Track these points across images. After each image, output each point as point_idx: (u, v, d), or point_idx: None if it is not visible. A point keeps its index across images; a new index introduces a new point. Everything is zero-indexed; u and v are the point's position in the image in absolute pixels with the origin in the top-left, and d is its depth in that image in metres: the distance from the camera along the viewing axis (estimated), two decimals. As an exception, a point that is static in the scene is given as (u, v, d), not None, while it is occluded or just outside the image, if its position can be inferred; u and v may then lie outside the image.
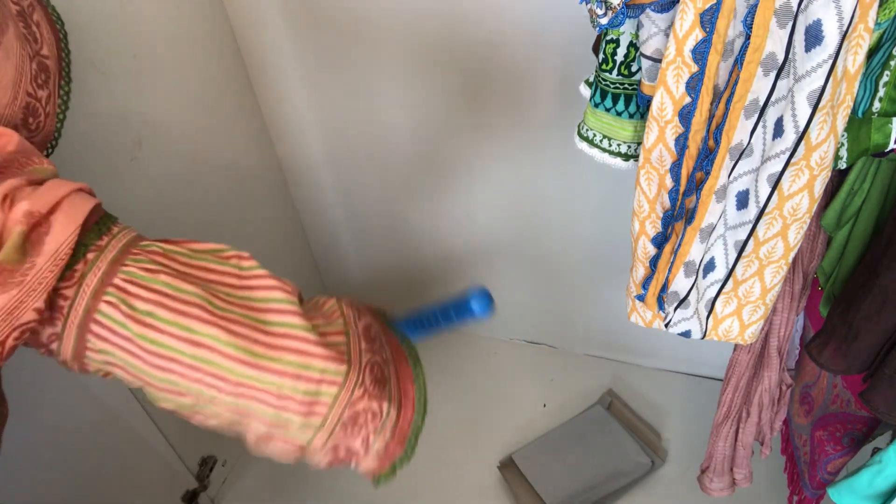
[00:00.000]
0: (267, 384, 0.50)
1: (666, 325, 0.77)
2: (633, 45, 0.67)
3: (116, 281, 0.49)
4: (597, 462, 1.31)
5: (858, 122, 0.57)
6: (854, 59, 0.50)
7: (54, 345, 0.49)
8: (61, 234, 0.48)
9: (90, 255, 0.49)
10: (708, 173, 0.62)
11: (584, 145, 0.77)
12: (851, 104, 0.53)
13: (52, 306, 0.48)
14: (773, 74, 0.55)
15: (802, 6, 0.50)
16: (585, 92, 0.81)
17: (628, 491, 1.27)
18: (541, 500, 1.25)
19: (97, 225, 0.51)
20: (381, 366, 0.59)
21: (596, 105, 0.73)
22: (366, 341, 0.58)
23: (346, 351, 0.54)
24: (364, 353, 0.57)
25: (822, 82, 0.51)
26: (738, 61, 0.56)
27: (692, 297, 0.72)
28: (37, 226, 0.47)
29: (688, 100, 0.60)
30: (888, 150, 0.55)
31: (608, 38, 0.68)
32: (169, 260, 0.52)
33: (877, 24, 0.50)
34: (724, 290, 0.71)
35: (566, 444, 1.35)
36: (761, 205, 0.61)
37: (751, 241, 0.65)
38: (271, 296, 0.55)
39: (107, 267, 0.49)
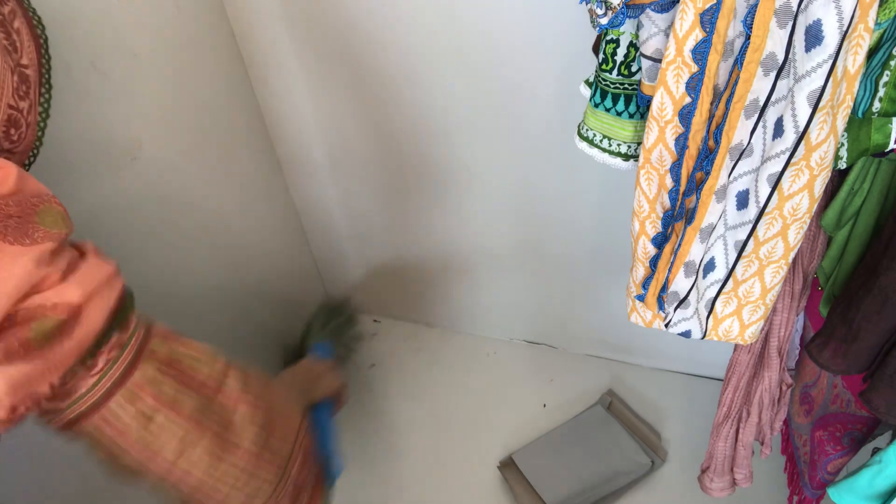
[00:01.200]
0: (221, 487, 0.59)
1: (666, 326, 0.77)
2: (633, 45, 0.67)
3: (129, 384, 0.53)
4: (597, 462, 1.31)
5: (858, 122, 0.57)
6: (854, 59, 0.50)
7: (50, 415, 0.53)
8: (90, 326, 0.51)
9: (112, 353, 0.53)
10: (708, 173, 0.62)
11: (584, 145, 0.77)
12: (851, 104, 0.53)
13: (64, 384, 0.51)
14: (773, 74, 0.55)
15: (802, 6, 0.50)
16: (585, 92, 0.81)
17: (628, 491, 1.27)
18: (541, 500, 1.25)
19: (119, 314, 0.55)
20: (301, 488, 0.68)
21: (596, 105, 0.73)
22: (301, 461, 0.67)
23: (284, 465, 0.64)
24: (297, 470, 0.66)
25: (822, 82, 0.51)
26: (738, 61, 0.56)
27: (692, 297, 0.72)
28: (73, 315, 0.50)
29: (688, 100, 0.60)
30: (888, 150, 0.55)
31: (608, 38, 0.68)
32: (174, 369, 0.57)
33: (877, 24, 0.50)
34: (724, 290, 0.71)
35: (566, 444, 1.36)
36: (761, 205, 0.61)
37: (751, 241, 0.65)
38: (239, 410, 0.62)
39: (125, 368, 0.54)
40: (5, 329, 0.47)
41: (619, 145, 0.74)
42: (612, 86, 0.70)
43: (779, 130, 0.56)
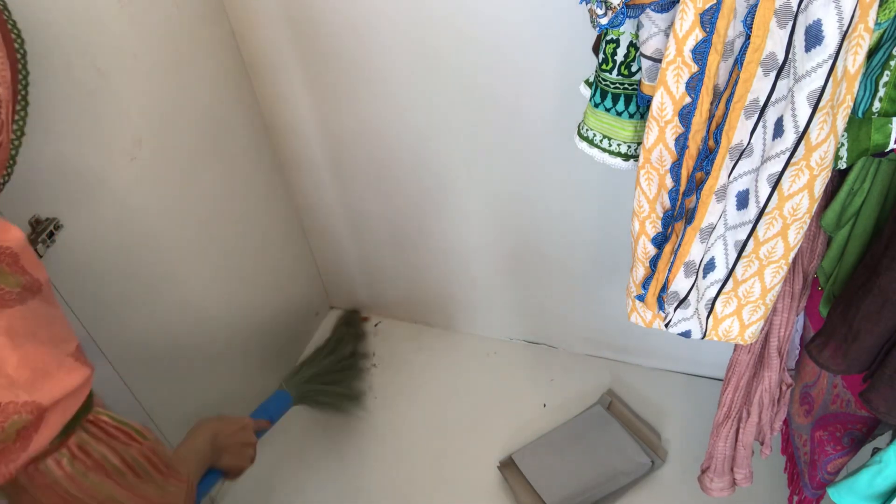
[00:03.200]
0: None
1: (666, 326, 0.77)
2: (633, 45, 0.67)
3: (69, 443, 0.55)
4: (596, 462, 1.31)
5: (858, 122, 0.57)
6: (854, 59, 0.50)
7: None
8: (49, 432, 0.52)
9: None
10: (708, 173, 0.62)
11: (584, 145, 0.77)
12: (851, 104, 0.53)
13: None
14: (773, 74, 0.55)
15: (802, 6, 0.50)
16: (585, 92, 0.81)
17: (628, 491, 1.27)
18: (541, 500, 1.25)
19: (79, 415, 0.56)
20: None
21: (596, 105, 0.73)
22: None
23: None
24: None
25: (822, 82, 0.51)
26: (738, 61, 0.56)
27: (692, 297, 0.72)
28: (38, 419, 0.50)
29: (688, 100, 0.60)
30: (888, 150, 0.55)
31: (608, 38, 0.68)
32: (108, 436, 0.59)
33: (877, 24, 0.50)
34: (724, 290, 0.71)
35: (566, 444, 1.36)
36: (761, 205, 0.61)
37: (751, 241, 0.65)
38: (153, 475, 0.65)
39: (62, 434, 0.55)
40: None
41: (619, 145, 0.74)
42: (612, 86, 0.70)
43: (779, 130, 0.56)
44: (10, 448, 0.49)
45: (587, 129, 0.76)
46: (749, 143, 0.59)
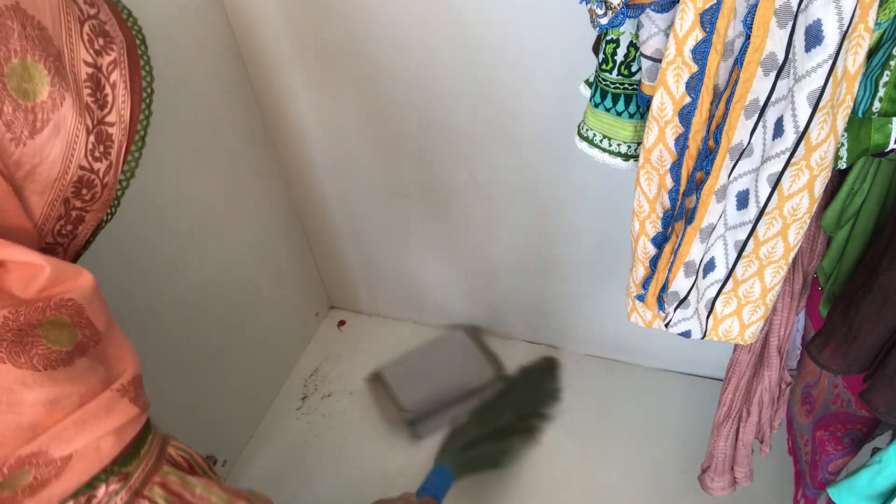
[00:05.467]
0: None
1: (666, 326, 0.77)
2: (633, 45, 0.67)
3: None
4: (450, 373, 1.49)
5: (858, 122, 0.57)
6: (854, 59, 0.50)
7: None
8: (73, 480, 0.43)
9: (114, 486, 0.46)
10: (708, 173, 0.62)
11: (584, 145, 0.77)
12: (851, 104, 0.53)
13: None
14: (773, 74, 0.55)
15: (802, 6, 0.50)
16: (585, 92, 0.81)
17: (474, 397, 1.40)
18: (399, 404, 1.42)
19: (127, 455, 0.47)
20: None
21: (596, 105, 0.73)
22: None
23: None
24: None
25: (822, 82, 0.51)
26: (738, 61, 0.56)
27: (692, 297, 0.72)
28: (59, 469, 0.43)
29: (688, 100, 0.60)
30: (888, 150, 0.55)
31: (608, 38, 0.68)
32: (179, 499, 0.50)
33: (877, 24, 0.50)
34: (724, 290, 0.71)
35: (426, 358, 1.55)
36: (761, 205, 0.61)
37: (751, 241, 0.65)
38: None
39: (128, 498, 0.47)
40: None
41: (619, 145, 0.74)
42: (612, 86, 0.70)
43: (779, 130, 0.56)
44: (13, 498, 0.42)
45: (587, 129, 0.76)
46: (749, 143, 0.59)
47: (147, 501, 0.47)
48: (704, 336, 0.76)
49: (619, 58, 0.68)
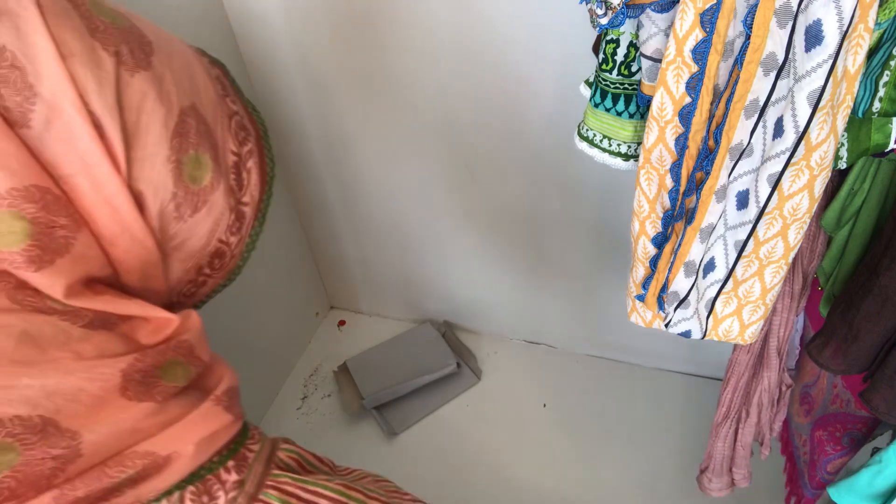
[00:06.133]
0: None
1: (666, 325, 0.77)
2: (633, 45, 0.67)
3: None
4: (411, 362, 1.55)
5: (858, 122, 0.57)
6: (854, 59, 0.50)
7: None
8: (171, 477, 0.49)
9: (232, 494, 0.52)
10: (708, 173, 0.62)
11: (584, 145, 0.77)
12: (851, 104, 0.53)
13: None
14: (773, 74, 0.55)
15: (802, 6, 0.50)
16: (585, 92, 0.81)
17: (436, 388, 1.49)
18: (357, 392, 1.48)
19: (229, 450, 0.53)
20: None
21: (596, 105, 0.73)
22: None
23: None
24: None
25: (822, 82, 0.51)
26: (738, 61, 0.56)
27: (692, 297, 0.72)
28: (155, 466, 0.48)
29: (688, 100, 0.60)
30: (888, 150, 0.55)
31: (608, 38, 0.68)
32: (295, 498, 0.54)
33: (877, 24, 0.50)
34: (724, 290, 0.71)
35: (391, 350, 1.61)
36: (761, 205, 0.61)
37: (751, 241, 0.65)
38: None
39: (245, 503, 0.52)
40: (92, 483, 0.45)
41: (619, 145, 0.74)
42: (612, 86, 0.70)
43: (779, 130, 0.56)
44: (119, 489, 0.47)
45: (587, 129, 0.76)
46: (749, 143, 0.59)
47: None
48: (704, 336, 0.76)
49: (619, 58, 0.68)
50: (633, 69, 0.68)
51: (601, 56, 0.70)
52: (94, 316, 0.46)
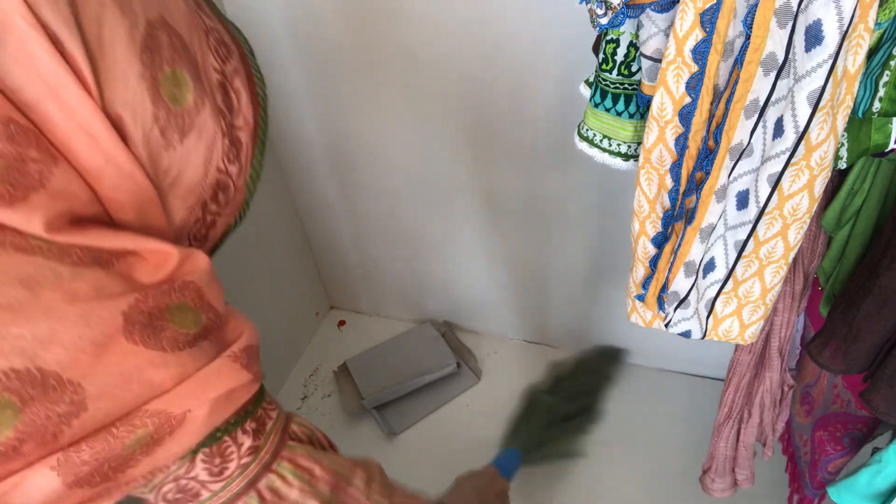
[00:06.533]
0: None
1: (666, 326, 0.77)
2: (633, 45, 0.67)
3: (258, 486, 0.50)
4: (411, 363, 1.54)
5: (858, 122, 0.57)
6: (854, 59, 0.50)
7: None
8: (188, 438, 0.46)
9: (245, 460, 0.49)
10: (708, 173, 0.62)
11: (584, 145, 0.77)
12: (851, 104, 0.53)
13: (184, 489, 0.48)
14: (773, 74, 0.55)
15: (802, 6, 0.50)
16: (585, 92, 0.81)
17: (436, 388, 1.49)
18: (357, 392, 1.48)
19: (239, 417, 0.50)
20: None
21: (596, 105, 0.73)
22: None
23: None
24: None
25: (822, 82, 0.51)
26: (738, 61, 0.56)
27: (692, 298, 0.72)
28: (166, 426, 0.45)
29: (688, 100, 0.60)
30: (888, 150, 0.55)
31: (608, 38, 0.68)
32: (308, 474, 0.53)
33: (877, 24, 0.50)
34: (724, 290, 0.71)
35: (392, 351, 1.61)
36: (761, 205, 0.61)
37: (751, 241, 0.65)
38: None
39: (258, 471, 0.50)
40: (103, 450, 0.41)
41: (619, 145, 0.74)
42: (612, 86, 0.70)
43: (779, 130, 0.56)
44: (132, 456, 0.44)
45: (587, 129, 0.76)
46: (749, 143, 0.59)
47: (275, 475, 0.50)
48: (704, 336, 0.76)
49: (619, 58, 0.68)
50: (633, 69, 0.68)
51: (601, 56, 0.70)
52: (83, 253, 0.42)
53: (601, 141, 0.75)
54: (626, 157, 0.74)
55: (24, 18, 0.38)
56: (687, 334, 0.77)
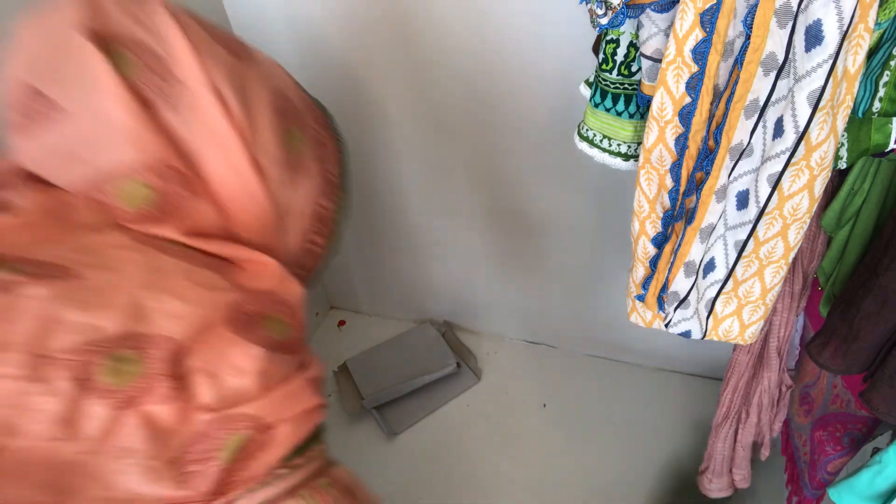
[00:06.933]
0: None
1: (666, 325, 0.77)
2: (633, 45, 0.67)
3: (313, 484, 0.59)
4: (411, 363, 1.54)
5: (858, 122, 0.57)
6: (854, 59, 0.50)
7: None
8: (277, 451, 0.56)
9: (281, 471, 0.58)
10: (708, 173, 0.62)
11: (584, 145, 0.77)
12: (851, 104, 0.53)
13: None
14: (773, 74, 0.55)
15: (802, 6, 0.50)
16: (585, 92, 0.81)
17: (436, 388, 1.49)
18: (358, 392, 1.48)
19: (304, 445, 0.60)
20: None
21: (596, 105, 0.73)
22: None
23: None
24: None
25: (822, 82, 0.51)
26: (738, 61, 0.56)
27: (692, 298, 0.72)
28: (263, 435, 0.55)
29: (688, 100, 0.60)
30: (888, 150, 0.55)
31: (608, 38, 0.68)
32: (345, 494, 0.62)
33: (877, 24, 0.50)
34: (724, 290, 0.71)
35: (392, 351, 1.61)
36: (761, 205, 0.61)
37: (751, 241, 0.65)
38: None
39: (288, 488, 0.58)
40: (200, 441, 0.51)
41: (619, 145, 0.74)
42: (612, 86, 0.70)
43: (779, 130, 0.56)
44: (232, 468, 0.53)
45: (587, 129, 0.76)
46: (749, 143, 0.59)
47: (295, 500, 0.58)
48: (704, 336, 0.76)
49: (619, 58, 0.68)
50: (633, 69, 0.68)
51: (601, 56, 0.70)
52: (204, 258, 0.57)
53: (601, 141, 0.75)
54: (626, 157, 0.74)
55: (205, 85, 0.54)
56: (687, 334, 0.77)
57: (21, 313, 0.47)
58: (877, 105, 0.55)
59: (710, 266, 0.70)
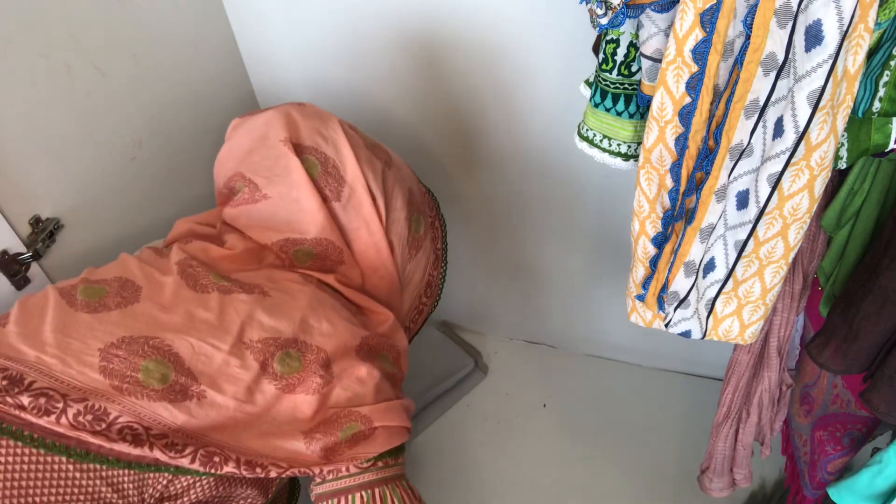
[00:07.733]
0: None
1: (666, 325, 0.77)
2: (633, 45, 0.67)
3: (376, 489, 0.73)
4: (427, 371, 1.50)
5: (858, 122, 0.57)
6: (854, 59, 0.50)
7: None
8: (372, 447, 0.72)
9: (378, 463, 0.74)
10: (708, 173, 0.62)
11: (584, 145, 0.77)
12: (851, 104, 0.53)
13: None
14: (773, 74, 0.55)
15: (802, 6, 0.50)
16: (585, 92, 0.81)
17: (457, 395, 1.48)
18: None
19: (388, 454, 0.76)
20: None
21: (596, 105, 0.73)
22: None
23: None
24: None
25: (822, 82, 0.51)
26: (738, 61, 0.56)
27: (692, 297, 0.72)
28: (368, 432, 0.73)
29: (688, 100, 0.60)
30: (888, 150, 0.56)
31: (608, 38, 0.68)
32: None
33: (877, 24, 0.50)
34: (724, 290, 0.71)
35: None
36: (761, 205, 0.61)
37: (751, 241, 0.65)
38: None
39: (383, 478, 0.74)
40: (327, 423, 0.71)
41: (619, 145, 0.74)
42: (612, 86, 0.70)
43: (779, 130, 0.56)
44: (344, 446, 0.70)
45: (587, 129, 0.76)
46: (749, 142, 0.59)
47: (380, 487, 0.74)
48: (704, 336, 0.76)
49: (619, 58, 0.68)
50: (633, 69, 0.68)
51: (601, 56, 0.70)
52: (346, 301, 0.81)
53: (601, 141, 0.75)
54: (626, 157, 0.74)
55: (363, 186, 0.82)
56: (687, 334, 0.77)
57: (233, 310, 0.71)
58: (877, 105, 0.55)
59: (710, 266, 0.70)
